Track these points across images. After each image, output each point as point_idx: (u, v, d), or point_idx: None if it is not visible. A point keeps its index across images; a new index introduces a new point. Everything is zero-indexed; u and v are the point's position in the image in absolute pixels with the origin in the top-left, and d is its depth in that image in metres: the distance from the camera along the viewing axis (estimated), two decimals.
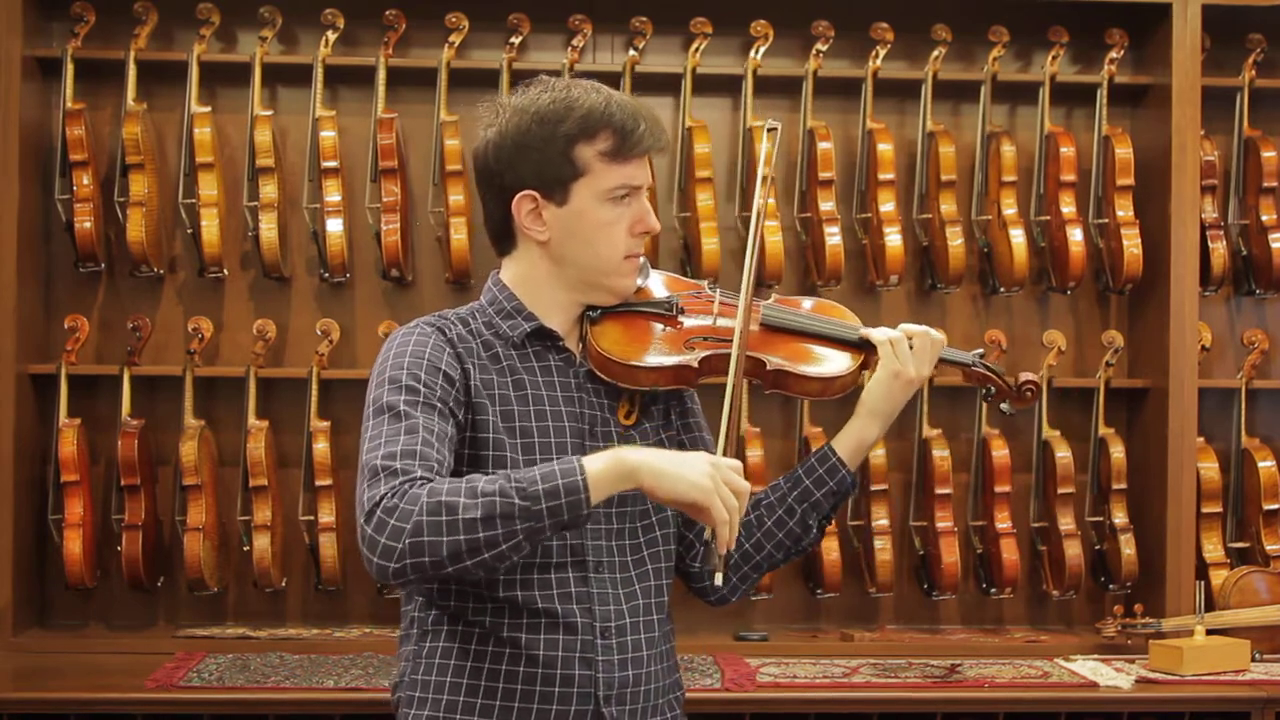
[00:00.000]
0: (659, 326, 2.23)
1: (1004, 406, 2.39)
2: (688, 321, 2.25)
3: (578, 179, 2.13)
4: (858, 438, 2.28)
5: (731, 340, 2.18)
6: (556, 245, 2.17)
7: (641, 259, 2.23)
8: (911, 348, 2.26)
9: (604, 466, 1.93)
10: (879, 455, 3.94)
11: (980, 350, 2.41)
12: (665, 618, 2.25)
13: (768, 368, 2.23)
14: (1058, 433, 4.03)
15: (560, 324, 2.21)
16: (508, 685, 2.10)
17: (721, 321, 2.24)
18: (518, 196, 2.15)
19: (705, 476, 1.94)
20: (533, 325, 2.18)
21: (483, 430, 2.11)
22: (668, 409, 2.28)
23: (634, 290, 2.24)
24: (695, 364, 2.19)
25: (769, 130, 2.28)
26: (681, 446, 2.28)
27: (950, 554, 3.95)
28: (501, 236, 2.23)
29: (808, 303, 2.36)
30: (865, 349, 2.28)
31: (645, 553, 2.20)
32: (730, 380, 2.12)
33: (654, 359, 2.18)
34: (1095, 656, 3.81)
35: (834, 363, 2.27)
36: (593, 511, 1.94)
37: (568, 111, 2.13)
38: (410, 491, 1.94)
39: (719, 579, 2.02)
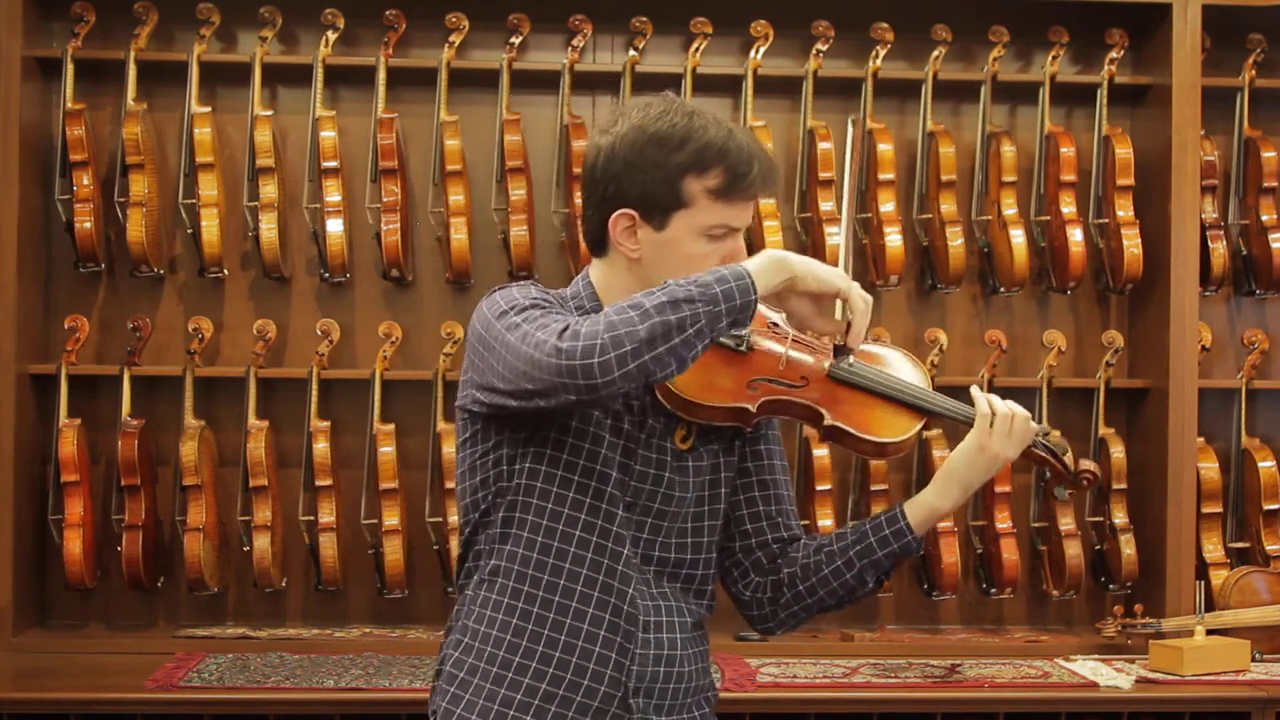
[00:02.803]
0: (725, 364, 2.20)
1: (1058, 491, 2.35)
2: (755, 361, 2.22)
3: (680, 209, 2.13)
4: (931, 507, 2.25)
5: (796, 386, 2.20)
6: (646, 265, 2.17)
7: None
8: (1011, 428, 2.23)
9: (759, 260, 2.05)
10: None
11: (1045, 428, 2.33)
12: (696, 627, 2.28)
13: (825, 422, 2.21)
14: (1058, 433, 4.02)
15: None
16: (546, 650, 2.14)
17: (793, 353, 2.22)
18: (617, 213, 2.15)
19: (842, 274, 2.08)
20: None
21: (532, 417, 2.11)
22: (734, 434, 2.28)
23: None
24: (753, 409, 2.19)
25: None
26: (745, 474, 2.31)
27: (950, 554, 3.95)
28: (596, 242, 2.22)
29: (882, 358, 2.31)
30: (928, 414, 2.25)
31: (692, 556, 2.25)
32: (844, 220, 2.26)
33: (713, 399, 2.17)
34: (1095, 656, 3.81)
35: (894, 428, 2.23)
36: (755, 311, 2.02)
37: (685, 141, 2.12)
38: (557, 315, 2.04)
39: (852, 359, 2.16)
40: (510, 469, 2.16)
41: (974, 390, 2.28)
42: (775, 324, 2.27)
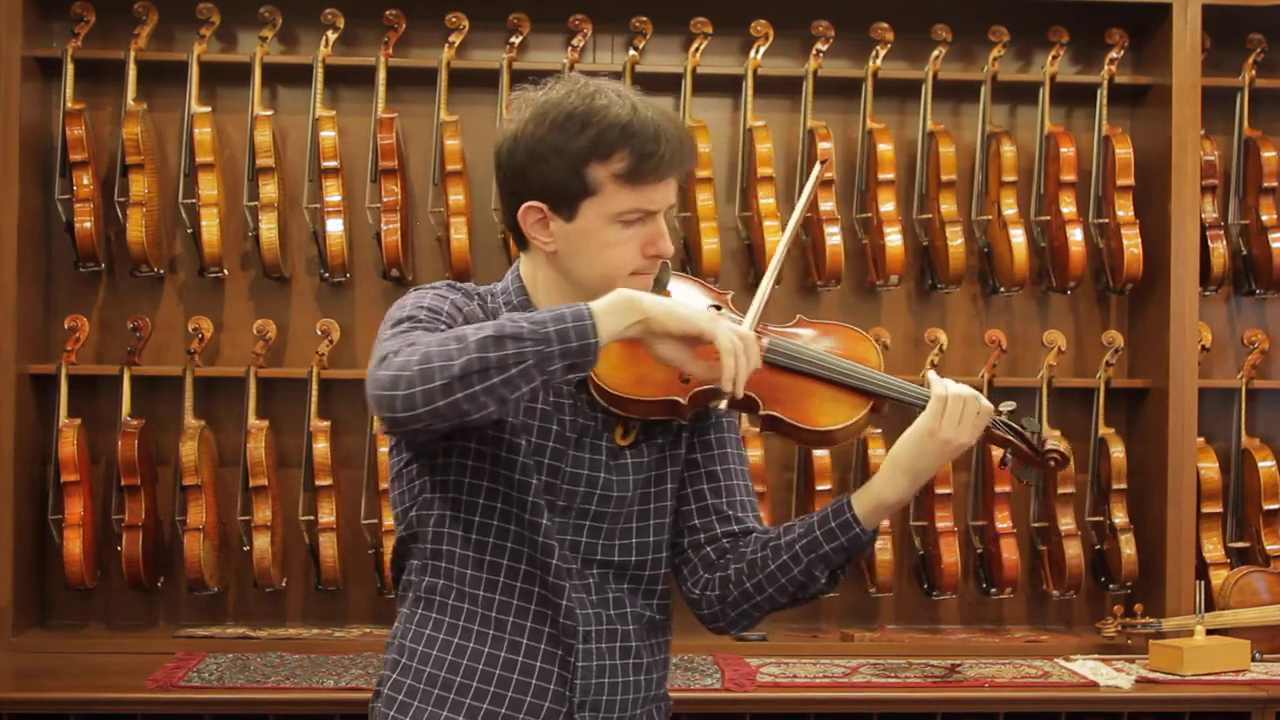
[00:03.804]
0: None
1: (1021, 473, 2.16)
2: None
3: (587, 198, 2.03)
4: (878, 496, 2.10)
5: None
6: (564, 258, 2.08)
7: (663, 264, 2.10)
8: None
9: (606, 300, 1.90)
10: (879, 455, 3.94)
11: (1010, 403, 2.16)
12: (651, 631, 2.19)
13: (760, 411, 2.09)
14: (1058, 433, 4.02)
15: None
16: (486, 668, 2.06)
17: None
18: (524, 206, 2.07)
19: (709, 315, 1.92)
20: None
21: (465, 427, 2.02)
22: (680, 425, 2.17)
23: None
24: (684, 401, 2.06)
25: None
26: (693, 466, 2.20)
27: (950, 554, 3.95)
28: (516, 237, 2.15)
29: (823, 339, 2.18)
30: (876, 397, 2.11)
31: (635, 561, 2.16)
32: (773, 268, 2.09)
33: (643, 393, 2.06)
34: (1095, 656, 3.81)
35: (836, 414, 2.08)
36: (597, 355, 1.87)
37: (585, 126, 2.01)
38: (416, 333, 1.92)
39: (723, 405, 1.96)
40: (432, 480, 2.08)
41: (930, 374, 2.16)
42: (716, 306, 2.16)
